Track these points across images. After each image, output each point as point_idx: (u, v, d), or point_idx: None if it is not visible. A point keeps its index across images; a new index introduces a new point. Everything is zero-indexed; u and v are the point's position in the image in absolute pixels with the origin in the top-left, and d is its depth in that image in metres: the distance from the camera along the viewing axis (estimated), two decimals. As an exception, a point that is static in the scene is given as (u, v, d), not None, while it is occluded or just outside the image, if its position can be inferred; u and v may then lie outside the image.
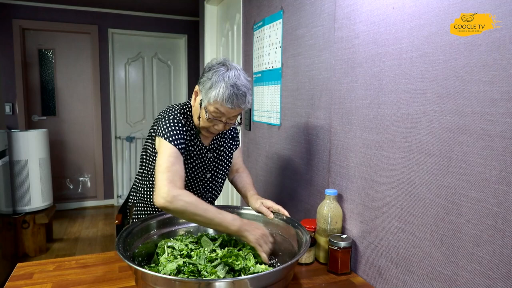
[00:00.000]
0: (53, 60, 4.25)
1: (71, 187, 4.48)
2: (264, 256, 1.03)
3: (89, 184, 4.56)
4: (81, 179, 4.52)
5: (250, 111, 2.06)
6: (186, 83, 4.72)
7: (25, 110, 4.10)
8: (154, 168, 1.28)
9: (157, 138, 1.19)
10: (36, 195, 3.20)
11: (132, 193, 1.43)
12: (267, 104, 1.82)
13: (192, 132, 1.25)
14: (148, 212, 1.34)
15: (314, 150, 1.40)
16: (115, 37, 4.45)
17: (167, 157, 1.10)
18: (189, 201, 1.03)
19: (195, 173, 1.28)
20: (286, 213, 1.16)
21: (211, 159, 1.31)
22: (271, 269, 0.85)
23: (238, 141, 1.44)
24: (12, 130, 3.19)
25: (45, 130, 3.37)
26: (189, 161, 1.26)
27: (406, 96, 0.93)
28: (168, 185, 1.04)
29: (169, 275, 0.91)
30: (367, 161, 1.09)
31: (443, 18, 0.82)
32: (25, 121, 4.10)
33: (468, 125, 0.77)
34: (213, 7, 2.95)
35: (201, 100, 1.15)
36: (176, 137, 1.14)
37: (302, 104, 1.47)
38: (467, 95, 0.77)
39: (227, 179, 1.47)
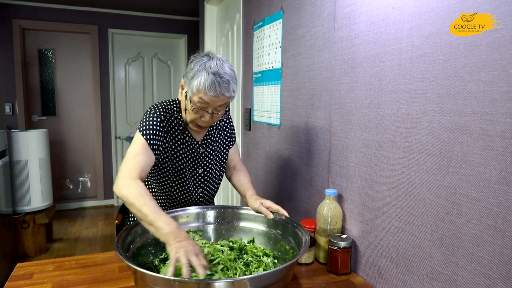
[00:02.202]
0: (53, 60, 4.26)
1: (71, 187, 4.48)
2: (171, 269, 0.84)
3: (89, 184, 4.56)
4: (81, 179, 4.52)
5: (250, 111, 2.06)
6: (186, 83, 4.72)
7: (25, 110, 4.10)
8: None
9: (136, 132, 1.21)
10: (36, 195, 3.20)
11: None
12: (267, 104, 1.82)
13: (179, 127, 1.25)
14: None
15: (314, 150, 1.40)
16: (115, 37, 4.45)
17: (136, 147, 1.14)
18: (132, 191, 1.03)
19: (185, 168, 1.28)
20: (285, 213, 1.16)
21: (203, 154, 1.31)
22: (270, 269, 0.85)
23: (234, 137, 1.44)
24: (12, 130, 3.19)
25: (45, 130, 3.37)
26: (177, 156, 1.25)
27: (406, 96, 0.93)
28: (127, 173, 1.07)
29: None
30: (367, 161, 1.09)
31: (443, 18, 0.82)
32: (25, 121, 4.10)
33: (468, 125, 0.77)
34: (213, 7, 2.95)
35: (186, 92, 1.16)
36: (150, 132, 1.17)
37: (302, 104, 1.47)
38: (467, 95, 0.77)
39: (224, 178, 1.47)
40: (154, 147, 1.17)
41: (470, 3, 0.76)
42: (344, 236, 1.14)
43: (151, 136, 1.16)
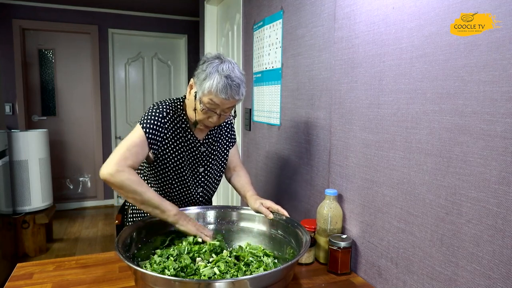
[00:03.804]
0: (53, 60, 4.26)
1: (71, 187, 4.48)
2: (208, 239, 1.11)
3: (89, 184, 4.56)
4: (81, 179, 4.52)
5: (250, 111, 2.06)
6: (186, 83, 4.72)
7: (25, 110, 4.10)
8: (147, 169, 1.29)
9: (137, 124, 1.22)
10: (36, 195, 3.20)
11: None
12: (267, 104, 1.82)
13: (181, 125, 1.25)
14: (145, 212, 1.34)
15: (314, 150, 1.40)
16: (115, 37, 4.45)
17: (134, 138, 1.15)
18: (131, 178, 1.06)
19: (186, 166, 1.28)
20: (285, 213, 1.16)
21: (204, 153, 1.32)
22: (271, 270, 0.85)
23: (235, 137, 1.44)
24: (12, 130, 3.19)
25: (45, 130, 3.37)
26: (178, 154, 1.26)
27: (406, 96, 0.93)
28: (118, 160, 1.08)
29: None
30: (367, 161, 1.09)
31: (443, 18, 0.82)
32: (25, 121, 4.10)
33: (468, 125, 0.77)
34: (213, 7, 2.95)
35: (195, 92, 1.16)
36: (151, 126, 1.17)
37: (302, 104, 1.47)
38: (467, 95, 0.77)
39: (224, 177, 1.47)
40: (152, 141, 1.17)
41: (470, 3, 0.76)
42: (344, 236, 1.14)
43: (151, 131, 1.17)
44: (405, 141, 0.94)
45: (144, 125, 1.17)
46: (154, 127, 1.18)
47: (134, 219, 1.39)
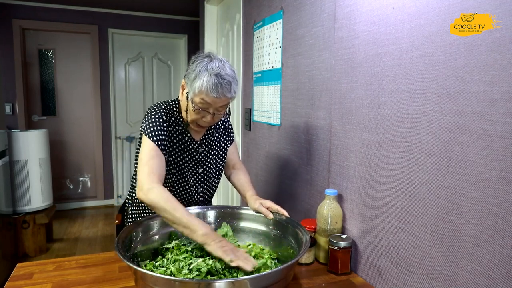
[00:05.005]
0: (53, 60, 4.26)
1: (71, 187, 4.48)
2: (247, 267, 0.92)
3: (89, 184, 4.56)
4: (81, 179, 4.52)
5: (250, 111, 2.06)
6: (186, 83, 4.72)
7: (25, 110, 4.10)
8: None
9: (142, 136, 1.21)
10: (36, 195, 3.20)
11: (129, 194, 1.43)
12: (267, 104, 1.82)
13: (178, 127, 1.25)
14: (144, 213, 1.34)
15: (314, 150, 1.40)
16: (115, 37, 4.45)
17: (147, 152, 1.14)
18: (162, 195, 1.04)
19: (186, 168, 1.28)
20: (285, 213, 1.16)
21: (202, 154, 1.32)
22: (271, 270, 0.85)
23: (233, 136, 1.44)
24: (12, 130, 3.19)
25: (45, 130, 3.37)
26: (178, 156, 1.26)
27: (406, 96, 0.93)
28: (147, 178, 1.07)
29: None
30: (367, 161, 1.09)
31: (443, 18, 0.82)
32: (25, 121, 4.10)
33: (468, 125, 0.77)
34: (213, 7, 2.95)
35: (187, 92, 1.16)
36: (156, 133, 1.17)
37: (302, 104, 1.47)
38: (467, 95, 0.77)
39: (223, 177, 1.47)
40: (162, 147, 1.17)
41: (470, 3, 0.76)
42: (344, 236, 1.14)
43: (158, 137, 1.17)
44: (405, 141, 0.94)
45: (150, 134, 1.16)
46: (160, 132, 1.17)
47: (134, 219, 1.39)
